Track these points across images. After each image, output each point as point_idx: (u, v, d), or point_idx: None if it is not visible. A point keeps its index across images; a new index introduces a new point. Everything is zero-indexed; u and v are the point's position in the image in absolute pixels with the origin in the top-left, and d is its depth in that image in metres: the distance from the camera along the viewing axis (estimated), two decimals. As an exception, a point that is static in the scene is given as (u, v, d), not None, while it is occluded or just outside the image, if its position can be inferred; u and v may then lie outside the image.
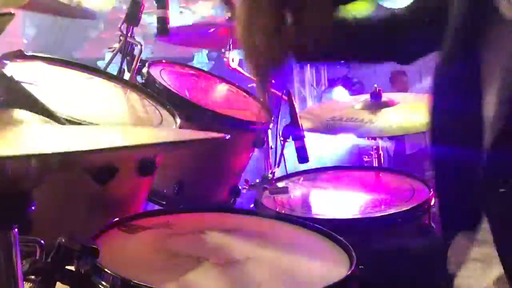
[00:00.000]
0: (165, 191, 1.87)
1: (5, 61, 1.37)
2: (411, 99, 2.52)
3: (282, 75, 1.17)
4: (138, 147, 0.77)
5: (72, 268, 1.01)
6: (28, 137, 0.84)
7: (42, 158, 0.65)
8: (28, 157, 0.64)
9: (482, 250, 1.11)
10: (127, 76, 2.02)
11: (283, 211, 1.78)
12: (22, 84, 1.22)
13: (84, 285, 1.00)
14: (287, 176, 2.14)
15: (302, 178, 2.12)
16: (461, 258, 1.19)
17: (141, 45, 2.06)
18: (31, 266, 0.96)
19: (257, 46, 1.08)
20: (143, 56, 2.06)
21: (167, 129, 1.52)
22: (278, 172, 2.22)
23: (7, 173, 0.70)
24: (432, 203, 1.78)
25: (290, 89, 2.24)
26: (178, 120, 1.60)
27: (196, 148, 1.82)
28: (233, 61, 2.51)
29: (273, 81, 1.20)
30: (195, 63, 5.56)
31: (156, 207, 1.89)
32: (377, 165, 2.53)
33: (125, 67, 2.06)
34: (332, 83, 6.52)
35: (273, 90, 2.68)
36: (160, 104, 1.68)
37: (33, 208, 0.79)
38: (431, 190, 1.84)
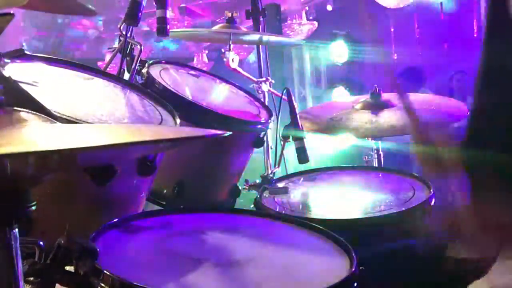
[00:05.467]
0: (165, 191, 1.87)
1: (5, 60, 1.37)
2: (411, 99, 2.51)
3: None
4: (138, 145, 0.77)
5: (71, 269, 1.01)
6: (27, 136, 0.84)
7: (41, 155, 0.65)
8: (27, 155, 0.64)
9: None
10: (127, 76, 2.02)
11: (283, 211, 1.78)
12: (21, 84, 1.22)
13: (84, 286, 1.00)
14: (287, 176, 2.14)
15: (302, 178, 2.12)
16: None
17: (140, 45, 2.05)
18: (30, 268, 0.96)
19: None
20: (142, 56, 2.05)
21: (167, 128, 1.51)
22: (278, 172, 2.22)
23: (7, 173, 0.70)
24: (432, 203, 1.78)
25: (290, 89, 2.24)
26: (178, 120, 1.59)
27: (196, 147, 1.82)
28: (233, 61, 2.50)
29: None
30: (195, 63, 5.55)
31: (156, 207, 1.89)
32: (377, 165, 2.53)
33: (124, 67, 2.06)
34: (332, 83, 6.52)
35: (273, 90, 2.69)
36: (160, 104, 1.68)
37: (33, 208, 0.79)
38: (431, 190, 1.84)
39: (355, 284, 1.09)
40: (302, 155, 2.12)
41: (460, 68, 6.20)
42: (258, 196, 1.89)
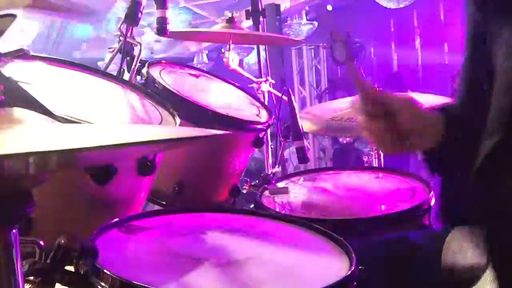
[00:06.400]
0: (165, 191, 1.87)
1: (6, 60, 1.37)
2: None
3: None
4: (138, 144, 0.77)
5: (71, 268, 1.01)
6: (27, 136, 0.84)
7: (41, 156, 0.65)
8: (26, 155, 0.64)
9: None
10: (127, 76, 2.02)
11: (283, 211, 1.78)
12: (21, 84, 1.22)
13: (83, 286, 1.00)
14: (287, 176, 2.14)
15: (302, 178, 2.12)
16: (456, 249, 1.21)
17: (140, 45, 2.06)
18: (30, 267, 0.96)
19: None
20: (142, 56, 2.05)
21: (167, 127, 1.51)
22: (278, 172, 2.22)
23: (7, 173, 0.70)
24: (432, 203, 1.78)
25: (290, 89, 2.25)
26: (178, 120, 1.59)
27: (196, 147, 1.83)
28: (233, 61, 2.50)
29: None
30: (195, 63, 5.56)
31: (156, 207, 1.89)
32: (377, 165, 2.53)
33: (124, 67, 2.06)
34: (332, 83, 6.52)
35: (273, 90, 2.69)
36: (160, 104, 1.68)
37: (32, 208, 0.79)
38: (431, 190, 1.84)
39: (355, 284, 1.09)
40: (302, 155, 2.12)
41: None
42: (258, 196, 1.89)
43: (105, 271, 1.00)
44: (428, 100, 2.23)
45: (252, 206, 1.87)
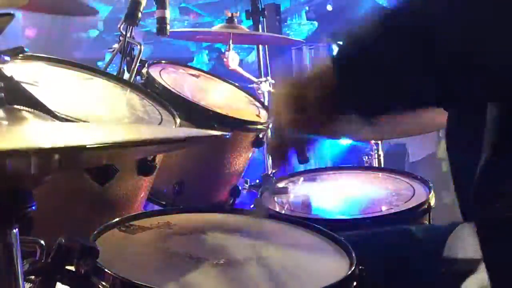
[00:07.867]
0: (165, 191, 1.87)
1: (5, 58, 1.37)
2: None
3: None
4: (138, 144, 0.77)
5: (72, 268, 1.01)
6: (28, 135, 0.84)
7: (42, 154, 0.65)
8: (27, 152, 0.64)
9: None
10: (126, 76, 2.02)
11: (283, 211, 1.78)
12: (22, 84, 1.22)
13: (84, 285, 1.00)
14: (287, 176, 2.14)
15: (302, 178, 2.12)
16: (459, 246, 1.21)
17: (140, 45, 2.06)
18: (31, 267, 0.96)
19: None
20: (142, 56, 2.06)
21: (167, 128, 1.52)
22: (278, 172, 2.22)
23: (8, 171, 0.70)
24: (432, 203, 1.78)
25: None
26: (178, 120, 1.60)
27: (196, 147, 1.83)
28: (233, 61, 2.51)
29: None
30: (195, 63, 5.56)
31: (156, 207, 1.89)
32: (377, 165, 2.53)
33: (124, 67, 2.06)
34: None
35: (273, 90, 2.68)
36: (160, 104, 1.68)
37: (33, 208, 0.79)
38: (431, 190, 1.84)
39: (355, 284, 1.09)
40: (302, 155, 2.12)
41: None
42: (258, 196, 1.89)
43: (105, 270, 1.00)
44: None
45: (252, 206, 1.87)
